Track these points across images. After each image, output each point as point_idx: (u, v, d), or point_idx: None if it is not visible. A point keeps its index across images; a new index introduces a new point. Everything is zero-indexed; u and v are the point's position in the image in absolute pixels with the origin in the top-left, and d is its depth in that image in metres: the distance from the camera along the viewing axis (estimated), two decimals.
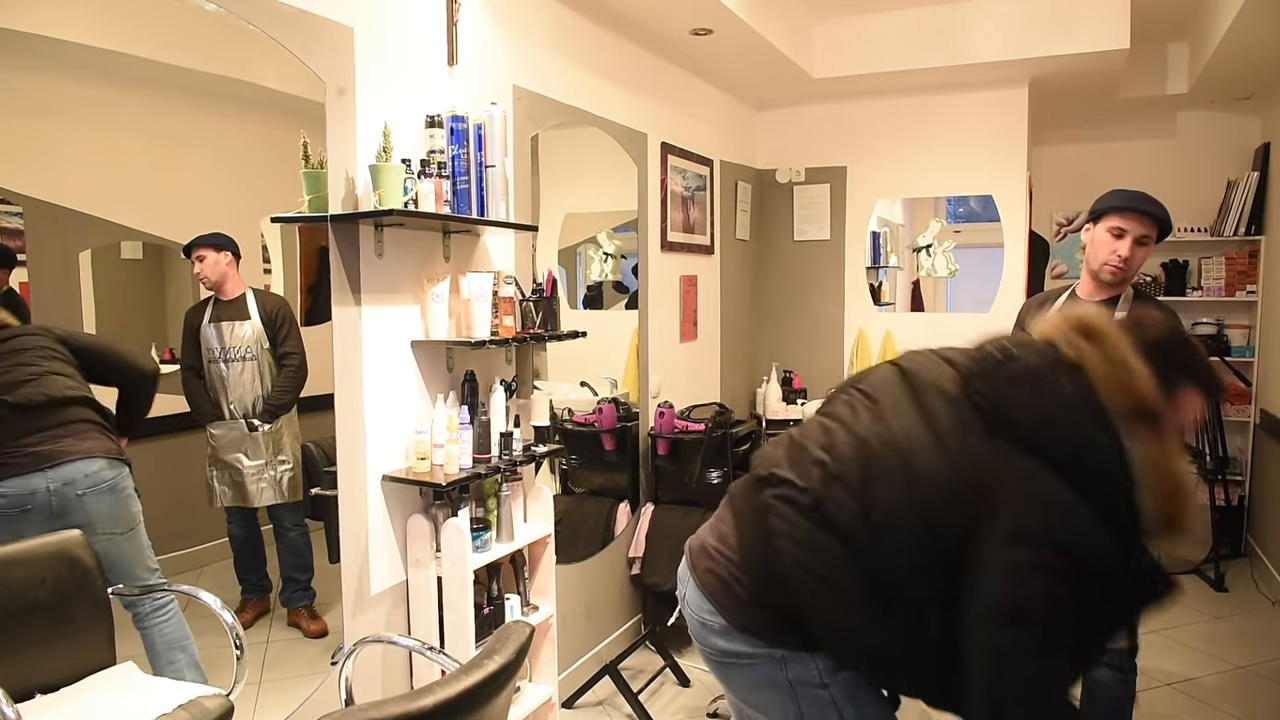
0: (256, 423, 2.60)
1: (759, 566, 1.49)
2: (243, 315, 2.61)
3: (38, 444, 2.09)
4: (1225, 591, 4.60)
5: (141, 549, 2.27)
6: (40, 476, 2.09)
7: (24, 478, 2.07)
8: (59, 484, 2.10)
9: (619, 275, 4.08)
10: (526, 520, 2.80)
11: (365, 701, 1.36)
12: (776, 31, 3.98)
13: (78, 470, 2.13)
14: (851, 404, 1.54)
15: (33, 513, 2.08)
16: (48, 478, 2.09)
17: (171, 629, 2.28)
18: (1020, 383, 1.37)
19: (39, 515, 2.08)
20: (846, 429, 1.49)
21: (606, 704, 3.36)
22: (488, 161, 2.54)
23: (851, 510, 1.41)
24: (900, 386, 1.50)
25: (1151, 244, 2.54)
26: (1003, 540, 1.30)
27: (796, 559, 1.44)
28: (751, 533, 1.53)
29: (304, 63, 2.18)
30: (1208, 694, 3.45)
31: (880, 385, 1.53)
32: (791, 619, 1.46)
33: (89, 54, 2.14)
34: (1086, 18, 4.07)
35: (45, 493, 2.09)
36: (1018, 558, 1.29)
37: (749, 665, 1.52)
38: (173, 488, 2.57)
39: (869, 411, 1.50)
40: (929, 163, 4.78)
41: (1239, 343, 5.34)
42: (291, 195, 2.27)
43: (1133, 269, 2.53)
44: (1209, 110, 5.43)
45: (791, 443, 1.56)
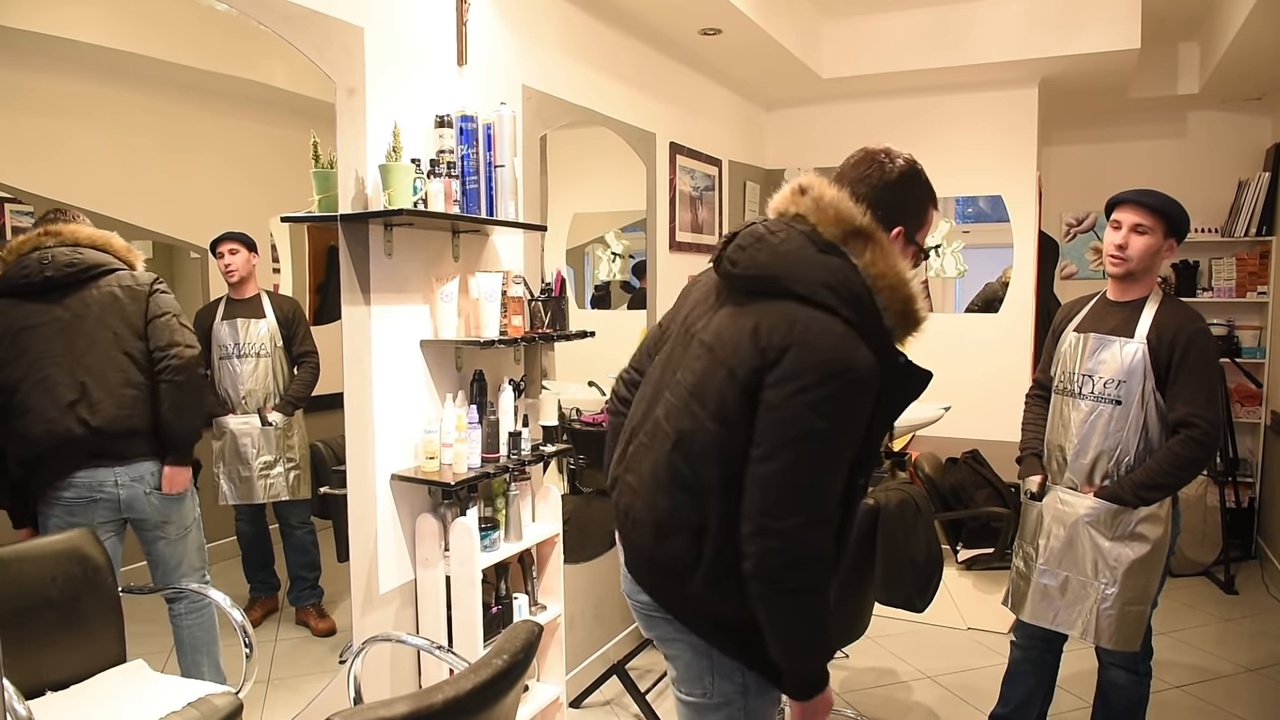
0: (271, 418, 2.61)
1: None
2: (258, 314, 2.62)
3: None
4: (1235, 594, 4.58)
5: (192, 550, 2.32)
6: (109, 471, 2.13)
7: (93, 470, 2.12)
8: (128, 479, 2.15)
9: (627, 275, 4.08)
10: (535, 520, 2.80)
11: (374, 700, 1.36)
12: (785, 31, 3.98)
13: (146, 468, 2.18)
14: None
15: (100, 504, 2.13)
16: (115, 473, 2.14)
17: (203, 630, 2.32)
18: (759, 248, 1.56)
19: (106, 507, 2.14)
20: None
21: (614, 704, 3.36)
22: (497, 161, 2.54)
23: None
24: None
25: (1154, 234, 2.47)
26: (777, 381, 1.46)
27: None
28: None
29: (314, 63, 2.19)
30: (1217, 696, 3.44)
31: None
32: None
33: (100, 54, 2.14)
34: (1097, 18, 4.05)
35: (114, 486, 2.14)
36: (789, 393, 1.45)
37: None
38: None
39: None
40: (938, 163, 4.71)
41: (1249, 344, 5.31)
42: (301, 195, 2.27)
43: (1134, 258, 2.49)
44: (1220, 110, 5.40)
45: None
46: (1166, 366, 2.42)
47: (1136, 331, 2.47)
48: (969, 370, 4.63)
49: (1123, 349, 2.47)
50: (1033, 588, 2.62)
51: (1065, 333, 2.67)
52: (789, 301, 1.50)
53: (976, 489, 4.56)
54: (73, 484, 2.11)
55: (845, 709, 3.33)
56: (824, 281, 1.49)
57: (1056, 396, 2.67)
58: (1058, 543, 2.57)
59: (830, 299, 1.48)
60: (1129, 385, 2.46)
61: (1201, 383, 2.39)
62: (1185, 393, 2.39)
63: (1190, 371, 2.39)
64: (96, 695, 2.00)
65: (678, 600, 1.62)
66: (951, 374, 4.78)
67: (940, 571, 2.80)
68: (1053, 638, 2.74)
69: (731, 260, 1.59)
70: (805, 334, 1.46)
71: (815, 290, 1.49)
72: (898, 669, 3.70)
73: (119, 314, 2.17)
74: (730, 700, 1.65)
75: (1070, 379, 2.60)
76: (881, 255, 1.52)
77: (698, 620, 1.62)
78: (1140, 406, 2.44)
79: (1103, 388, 2.50)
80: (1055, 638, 2.74)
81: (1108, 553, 2.48)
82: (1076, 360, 2.59)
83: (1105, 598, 2.47)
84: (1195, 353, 2.40)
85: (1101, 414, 2.50)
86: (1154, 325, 2.46)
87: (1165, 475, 2.42)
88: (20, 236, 2.06)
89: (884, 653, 3.85)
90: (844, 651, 3.77)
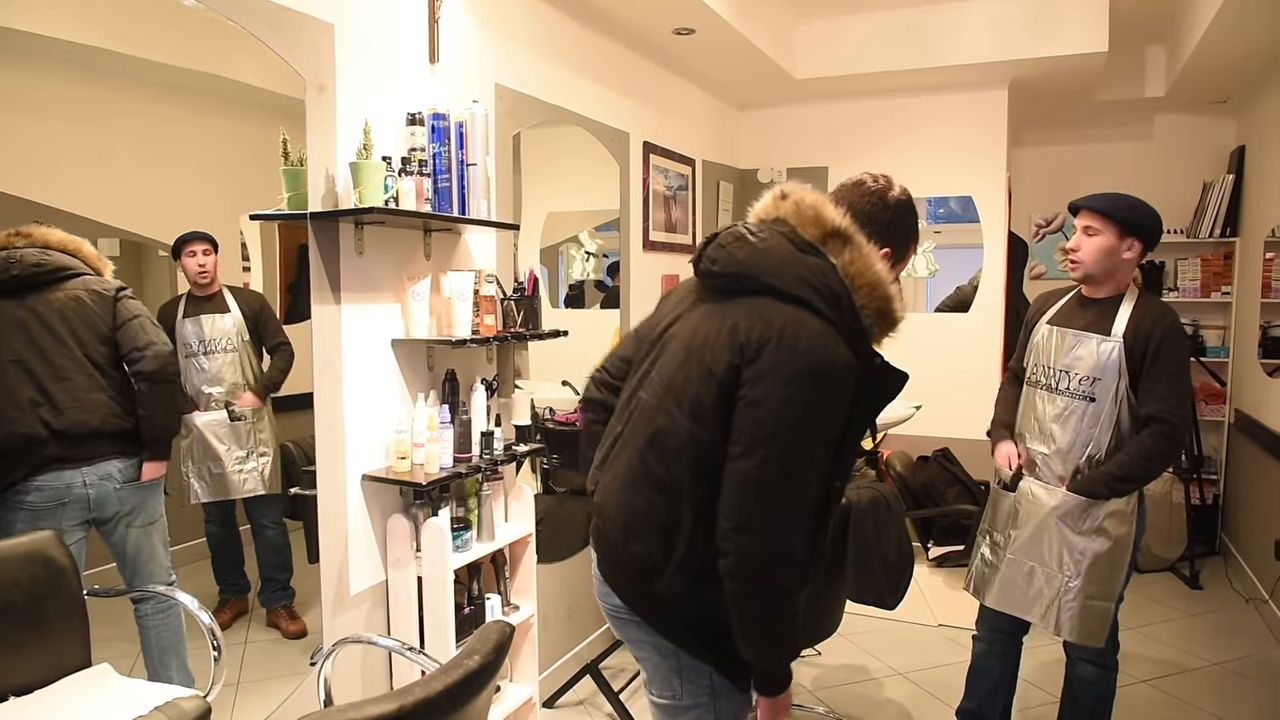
0: (239, 411, 2.59)
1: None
2: (222, 309, 2.60)
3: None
4: (1200, 589, 4.65)
5: (159, 544, 2.32)
6: (75, 473, 2.13)
7: (59, 473, 2.11)
8: (95, 478, 2.16)
9: (600, 274, 4.08)
10: (507, 520, 2.80)
11: (344, 702, 1.35)
12: (759, 32, 3.99)
13: (113, 466, 2.19)
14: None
15: (70, 506, 2.13)
16: (83, 474, 2.14)
17: (170, 631, 2.30)
18: (738, 247, 1.59)
19: (75, 508, 2.14)
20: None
21: (587, 703, 3.36)
22: (469, 160, 2.53)
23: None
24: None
25: (1104, 235, 2.48)
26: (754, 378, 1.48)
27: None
28: None
29: (285, 59, 2.17)
30: (1183, 690, 3.49)
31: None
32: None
33: (68, 49, 2.11)
34: (1066, 21, 4.10)
35: (82, 486, 2.14)
36: (768, 389, 1.46)
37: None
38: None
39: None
40: (910, 163, 4.80)
41: (1214, 343, 5.40)
42: (271, 192, 2.25)
43: (1086, 260, 2.52)
44: (1186, 113, 5.49)
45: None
46: (1140, 362, 2.44)
47: (1113, 329, 2.49)
48: (940, 370, 4.68)
49: (1099, 346, 2.49)
50: (1000, 576, 2.66)
51: (1039, 325, 2.70)
52: (767, 298, 1.52)
53: (947, 487, 4.61)
54: (37, 488, 2.08)
55: (817, 706, 3.35)
56: (803, 278, 1.51)
57: (1028, 388, 2.69)
58: (1026, 534, 2.60)
59: (809, 295, 1.50)
60: (1104, 383, 2.48)
61: (1173, 380, 2.43)
62: (1158, 389, 2.42)
63: (1163, 368, 2.42)
64: (61, 700, 1.97)
65: (646, 601, 1.62)
66: (922, 373, 4.80)
67: (911, 569, 2.82)
68: (1016, 630, 2.79)
69: (711, 259, 1.62)
70: (784, 330, 1.47)
71: (794, 286, 1.51)
72: (869, 666, 3.73)
73: (84, 317, 2.16)
74: (699, 702, 1.67)
75: (1045, 372, 2.63)
76: (860, 255, 1.54)
77: (665, 621, 1.62)
78: (1113, 404, 2.48)
79: (1078, 384, 2.53)
80: (1018, 629, 2.78)
81: (1073, 546, 2.52)
82: (1051, 354, 2.61)
83: (1068, 590, 2.52)
84: (1168, 349, 2.42)
85: (1075, 410, 2.53)
86: (1131, 322, 2.47)
87: (1135, 468, 2.45)
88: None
89: (856, 650, 3.87)
90: (816, 649, 3.79)
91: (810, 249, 1.55)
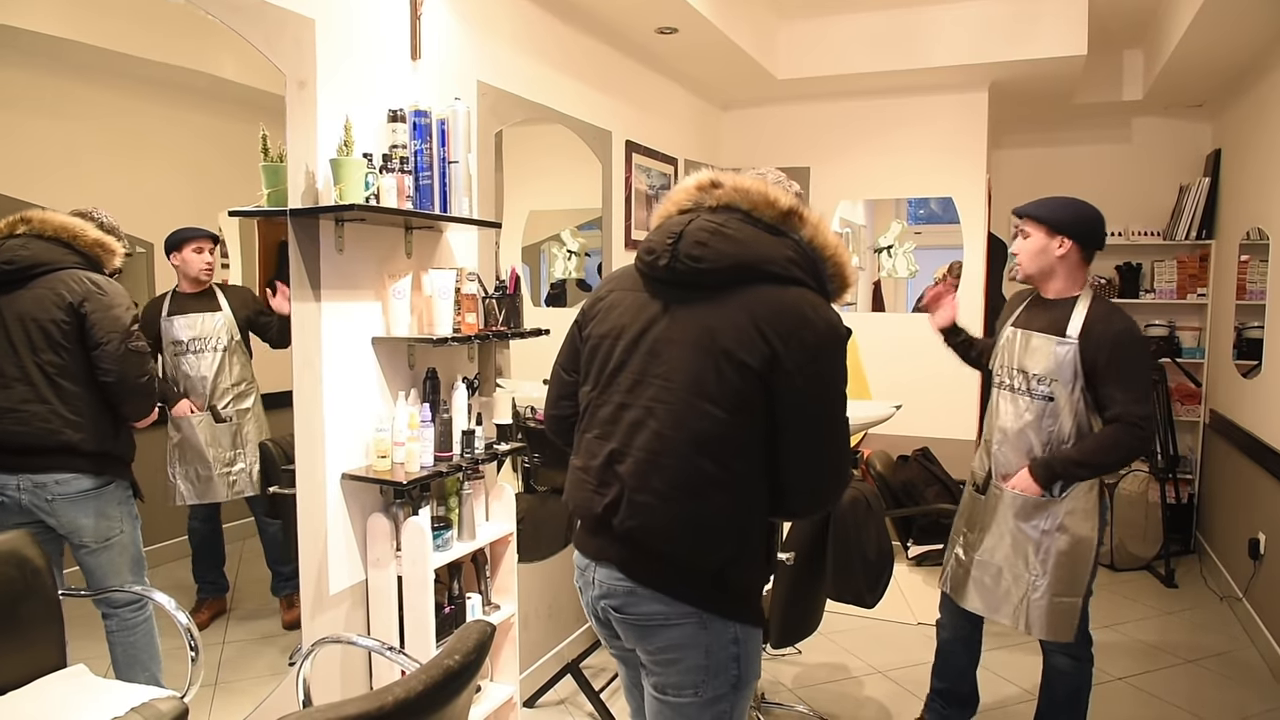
0: (225, 412, 2.55)
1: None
2: (213, 307, 2.55)
3: None
4: (1175, 587, 4.70)
5: (121, 561, 2.21)
6: (10, 476, 2.07)
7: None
8: (30, 485, 2.08)
9: (583, 273, 4.07)
10: (488, 519, 2.79)
11: (324, 703, 1.35)
12: (741, 32, 4.00)
13: (50, 479, 2.10)
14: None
15: (6, 508, 2.06)
16: (18, 478, 2.07)
17: (139, 649, 2.23)
18: (719, 241, 1.63)
19: (10, 510, 2.07)
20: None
21: (568, 703, 3.36)
22: (451, 157, 2.52)
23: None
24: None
25: (1034, 236, 2.60)
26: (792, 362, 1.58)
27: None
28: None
29: (264, 54, 2.15)
30: (1158, 687, 3.53)
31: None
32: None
33: (41, 41, 2.08)
34: (1045, 24, 4.14)
35: (15, 490, 2.06)
36: (812, 371, 1.59)
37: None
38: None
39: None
40: (891, 165, 4.83)
41: (1190, 344, 5.46)
42: (250, 189, 2.23)
43: (1023, 261, 2.64)
44: (1163, 117, 5.55)
45: None
46: (1094, 365, 2.47)
47: (1069, 330, 2.52)
48: (919, 370, 4.70)
49: (1056, 348, 2.53)
50: (971, 578, 2.72)
51: (1004, 327, 2.75)
52: (764, 285, 1.60)
53: (927, 486, 4.64)
54: None
55: (797, 704, 3.36)
56: (790, 259, 1.61)
57: (995, 390, 2.74)
58: (994, 535, 2.66)
59: (799, 274, 1.61)
60: (1060, 384, 2.52)
61: (1131, 382, 2.46)
62: (1118, 393, 2.45)
63: (1119, 372, 2.45)
64: (35, 701, 1.95)
65: (703, 592, 1.65)
66: (902, 373, 4.85)
67: (891, 567, 2.84)
68: (977, 619, 2.86)
69: (694, 258, 1.62)
70: (803, 313, 1.58)
71: (788, 269, 1.60)
72: (849, 664, 3.74)
73: (41, 323, 2.05)
74: (722, 695, 1.70)
75: (1008, 373, 2.67)
76: (818, 230, 1.66)
77: (721, 596, 1.66)
78: (1070, 403, 2.51)
79: (1036, 384, 2.57)
80: (979, 618, 2.85)
81: (1037, 545, 2.57)
82: (1014, 355, 2.65)
83: (1035, 588, 2.56)
84: (1123, 353, 2.45)
85: (1033, 409, 2.57)
86: (1085, 325, 2.51)
87: (1095, 455, 2.48)
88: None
89: (836, 648, 3.89)
90: (796, 647, 3.81)
91: (776, 230, 1.64)
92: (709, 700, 1.70)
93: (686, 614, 1.65)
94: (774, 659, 3.76)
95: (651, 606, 1.67)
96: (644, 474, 1.63)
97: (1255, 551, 3.99)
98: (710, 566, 1.64)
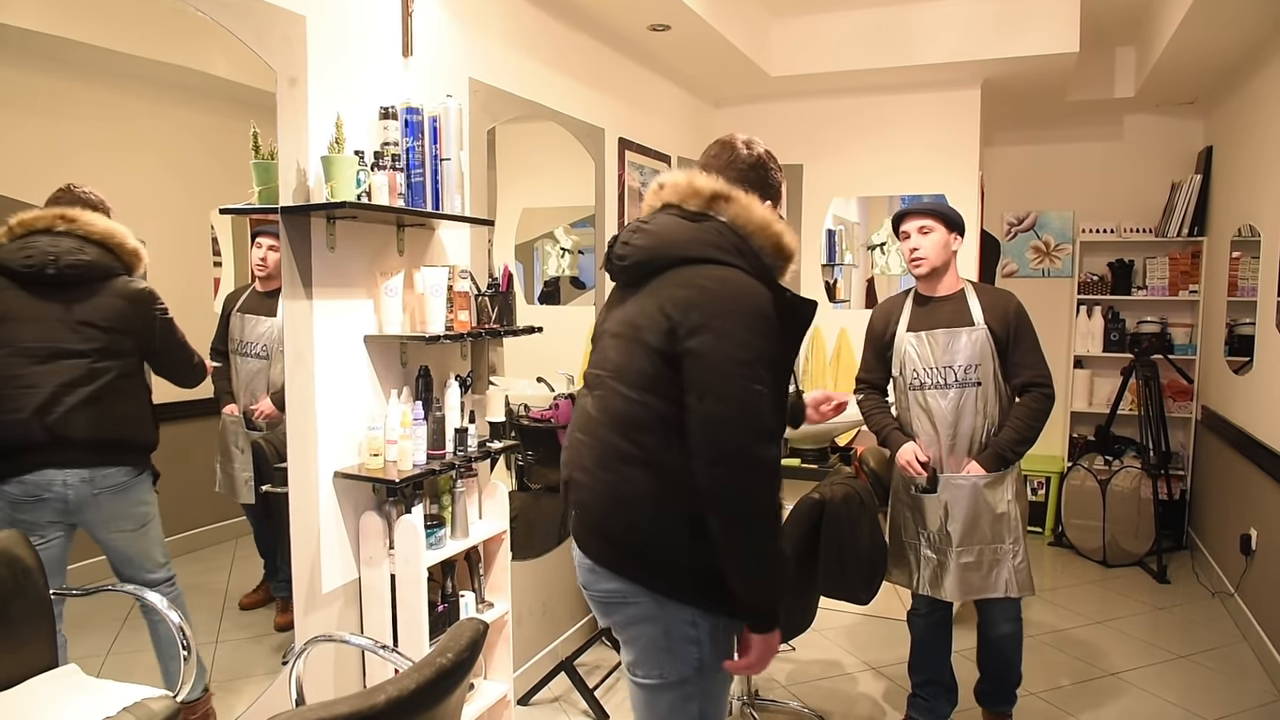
0: (258, 421, 2.54)
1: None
2: (271, 312, 2.53)
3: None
4: (1167, 583, 4.72)
5: (154, 543, 2.30)
6: (58, 472, 2.10)
7: (42, 471, 2.08)
8: (77, 481, 2.12)
9: (576, 271, 4.07)
10: (481, 517, 2.78)
11: (316, 701, 1.34)
12: (734, 29, 3.99)
13: (100, 474, 2.15)
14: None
15: (48, 504, 2.10)
16: (65, 474, 2.11)
17: (164, 630, 2.26)
18: (639, 236, 1.77)
19: (52, 508, 2.11)
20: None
21: (562, 700, 3.36)
22: (443, 154, 2.51)
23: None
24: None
25: (937, 231, 2.82)
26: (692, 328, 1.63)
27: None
28: None
29: (255, 51, 2.14)
30: (1150, 683, 3.54)
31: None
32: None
33: (31, 39, 2.07)
34: (1037, 21, 4.14)
35: (62, 486, 2.10)
36: (707, 338, 1.61)
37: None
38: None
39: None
40: (883, 162, 4.83)
41: (1181, 341, 5.48)
42: (241, 187, 2.22)
43: (930, 254, 2.84)
44: (1154, 114, 5.56)
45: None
46: (1005, 343, 2.79)
47: (975, 319, 2.81)
48: None
49: (970, 336, 2.80)
50: (952, 570, 2.84)
51: (898, 335, 2.92)
52: (679, 268, 1.69)
53: None
54: (19, 481, 2.06)
55: (791, 700, 3.37)
56: (703, 240, 1.70)
57: (913, 393, 2.91)
58: (965, 524, 2.82)
59: (713, 253, 1.68)
60: (984, 367, 2.80)
61: (1032, 348, 2.81)
62: (1025, 360, 2.79)
63: (1023, 341, 2.80)
64: (28, 701, 1.94)
65: (641, 565, 1.73)
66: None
67: (884, 564, 2.85)
68: (949, 603, 3.03)
69: (620, 255, 1.78)
70: (705, 285, 1.64)
71: (703, 250, 1.68)
72: (843, 660, 3.75)
73: (109, 328, 2.14)
74: (686, 679, 1.75)
75: (928, 373, 2.87)
76: (743, 208, 1.73)
77: (663, 575, 1.72)
78: (994, 382, 2.81)
79: (964, 374, 2.82)
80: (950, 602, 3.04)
81: (1005, 518, 2.81)
82: (929, 356, 2.86)
83: (1016, 554, 2.82)
84: (1023, 325, 2.81)
85: (968, 397, 2.82)
86: (985, 311, 2.81)
87: (1028, 429, 2.79)
88: (34, 212, 2.04)
89: (829, 644, 3.90)
90: (790, 644, 3.81)
91: (700, 216, 1.73)
92: (674, 683, 1.76)
93: (639, 592, 1.73)
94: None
95: (609, 584, 1.77)
96: (579, 455, 1.78)
97: (1247, 547, 4.01)
98: (637, 542, 1.71)
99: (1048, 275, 5.83)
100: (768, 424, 1.62)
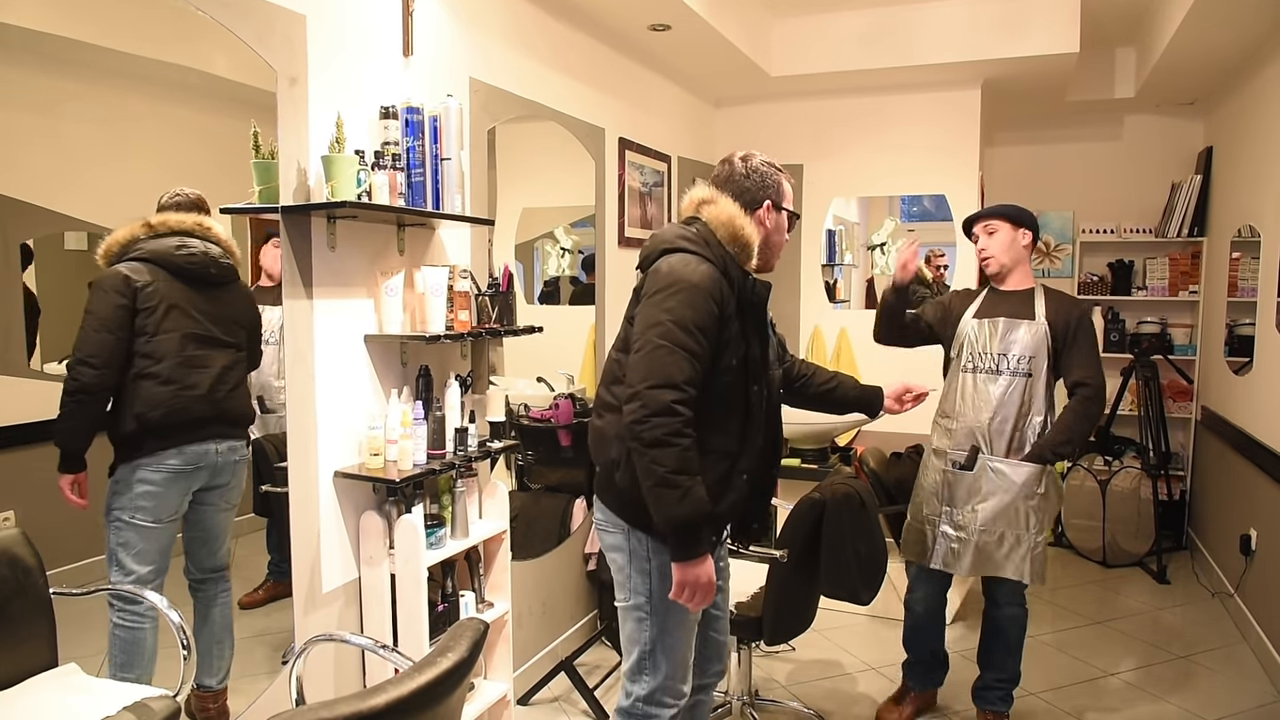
0: (270, 404, 2.56)
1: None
2: (277, 300, 2.56)
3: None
4: (1167, 583, 4.72)
5: (230, 525, 2.49)
6: (215, 443, 2.34)
7: (204, 443, 2.31)
8: (225, 448, 2.37)
9: (575, 270, 4.07)
10: (482, 516, 2.78)
11: (316, 701, 1.34)
12: (735, 29, 3.99)
13: (240, 444, 2.42)
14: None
15: (200, 472, 2.31)
16: (217, 444, 2.35)
17: (228, 608, 2.49)
18: (647, 243, 2.13)
19: (201, 475, 2.32)
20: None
21: (562, 700, 3.36)
22: (443, 154, 2.51)
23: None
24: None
25: (1002, 230, 2.97)
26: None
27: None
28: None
29: (255, 51, 2.14)
30: (1150, 683, 3.54)
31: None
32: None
33: (32, 38, 2.07)
34: (1038, 21, 4.14)
35: (215, 455, 2.34)
36: (648, 302, 1.97)
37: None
38: None
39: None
40: (884, 162, 4.83)
41: (1181, 341, 5.48)
42: (242, 186, 2.22)
43: (997, 252, 2.98)
44: (1155, 114, 5.56)
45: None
46: (1063, 341, 2.88)
47: (1036, 315, 2.90)
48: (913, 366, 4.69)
49: (1029, 329, 2.89)
50: (972, 547, 2.93)
51: (964, 319, 3.03)
52: (662, 257, 2.02)
53: None
54: (183, 452, 2.25)
55: (791, 701, 3.37)
56: (680, 235, 2.05)
57: (965, 375, 3.00)
58: (993, 505, 2.90)
59: (683, 244, 2.02)
60: (1037, 360, 2.88)
61: (1090, 352, 2.89)
62: (1079, 360, 2.87)
63: (1081, 344, 2.88)
64: (26, 700, 1.94)
65: (612, 494, 2.08)
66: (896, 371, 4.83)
67: (885, 564, 2.84)
68: (946, 587, 3.18)
69: (639, 260, 2.15)
70: (662, 266, 1.99)
71: (675, 242, 2.03)
72: (843, 660, 3.75)
73: (242, 320, 2.42)
74: (639, 605, 2.08)
75: (983, 358, 2.96)
76: (718, 209, 2.08)
77: (623, 504, 2.05)
78: (1045, 377, 2.89)
79: (1017, 363, 2.90)
80: (947, 585, 3.18)
81: (1035, 508, 2.89)
82: (988, 341, 2.95)
83: (1035, 544, 2.90)
84: (1084, 329, 2.89)
85: (1017, 386, 2.90)
86: (1049, 309, 2.91)
87: (1073, 431, 2.88)
88: (176, 216, 2.25)
89: (829, 645, 3.90)
90: (790, 644, 3.81)
91: (691, 220, 2.11)
92: (634, 606, 2.10)
93: (614, 521, 2.10)
94: (767, 656, 3.77)
95: (600, 514, 2.15)
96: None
97: (1246, 547, 4.01)
98: (609, 476, 2.06)
99: (1048, 275, 5.83)
100: (673, 375, 1.87)
